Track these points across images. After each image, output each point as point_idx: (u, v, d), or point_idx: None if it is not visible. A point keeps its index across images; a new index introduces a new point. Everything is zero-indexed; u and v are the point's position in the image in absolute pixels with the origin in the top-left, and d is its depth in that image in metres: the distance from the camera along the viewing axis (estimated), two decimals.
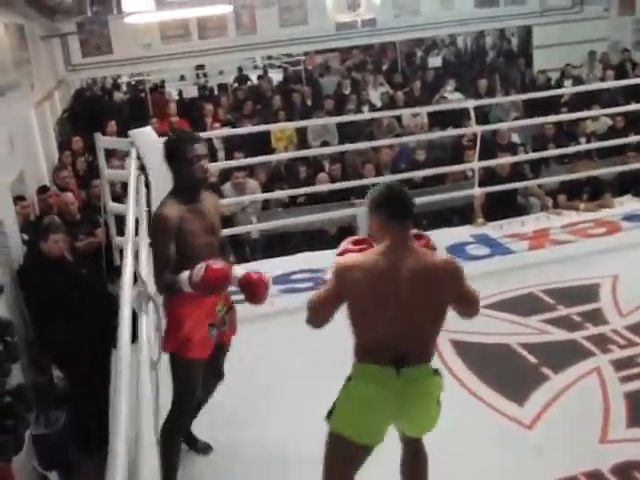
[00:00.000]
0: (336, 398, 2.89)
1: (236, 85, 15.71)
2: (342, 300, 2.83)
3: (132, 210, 4.09)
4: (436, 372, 2.92)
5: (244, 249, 7.73)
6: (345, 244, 3.07)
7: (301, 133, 10.80)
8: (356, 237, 3.16)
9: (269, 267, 6.20)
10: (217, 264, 3.26)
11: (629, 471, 3.46)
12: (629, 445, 3.65)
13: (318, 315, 2.94)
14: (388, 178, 7.45)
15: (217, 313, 3.55)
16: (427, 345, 2.89)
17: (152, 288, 3.32)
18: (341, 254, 3.01)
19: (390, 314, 2.76)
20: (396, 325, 2.76)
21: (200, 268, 3.23)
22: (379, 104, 12.22)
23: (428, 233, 6.48)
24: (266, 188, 8.34)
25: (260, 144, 9.71)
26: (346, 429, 2.82)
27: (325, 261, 6.18)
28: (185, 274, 3.27)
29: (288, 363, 4.66)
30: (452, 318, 4.88)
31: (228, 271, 3.32)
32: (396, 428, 3.01)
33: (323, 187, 7.53)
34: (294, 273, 6.05)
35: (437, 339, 2.93)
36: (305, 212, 7.21)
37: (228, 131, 9.48)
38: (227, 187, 8.07)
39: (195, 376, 3.47)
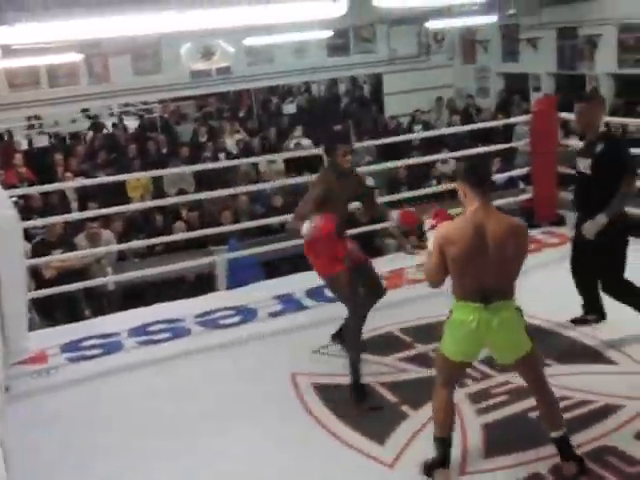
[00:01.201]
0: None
1: (91, 133, 15.35)
2: (446, 260, 3.55)
3: None
4: (517, 309, 3.61)
5: (100, 301, 7.49)
6: (430, 221, 3.86)
7: (157, 181, 10.66)
8: (433, 210, 3.99)
9: (126, 319, 6.08)
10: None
11: None
12: (487, 475, 3.75)
13: (435, 278, 3.68)
14: (246, 225, 7.47)
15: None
16: (508, 286, 3.59)
17: None
18: (432, 227, 3.79)
19: (480, 263, 3.48)
20: (485, 271, 3.49)
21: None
22: (235, 151, 12.25)
23: (287, 278, 6.58)
24: (122, 238, 8.15)
25: (115, 193, 9.51)
26: (446, 350, 3.69)
27: (183, 310, 6.13)
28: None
29: (141, 420, 4.54)
30: (316, 362, 4.99)
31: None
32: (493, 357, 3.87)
33: (180, 236, 7.43)
34: (152, 324, 5.90)
35: (513, 282, 3.59)
36: (162, 261, 7.09)
37: (81, 182, 9.21)
38: (80, 238, 7.82)
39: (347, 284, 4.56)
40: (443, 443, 3.74)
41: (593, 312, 5.27)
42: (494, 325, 3.54)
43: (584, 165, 4.94)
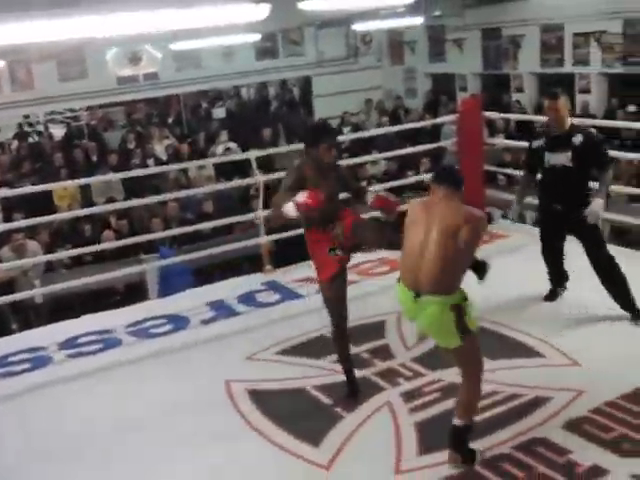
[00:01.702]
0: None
1: (16, 142, 15.00)
2: None
3: None
4: (453, 308, 3.59)
5: (28, 314, 7.32)
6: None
7: (85, 190, 10.47)
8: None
9: (55, 332, 5.95)
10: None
11: None
12: (421, 472, 3.79)
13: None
14: (176, 231, 7.39)
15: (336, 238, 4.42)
16: (437, 280, 3.59)
17: None
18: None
19: (416, 246, 3.65)
20: (422, 263, 3.61)
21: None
22: (165, 157, 12.12)
23: (219, 285, 6.52)
24: (49, 249, 7.98)
25: (41, 203, 9.29)
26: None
27: (114, 321, 6.03)
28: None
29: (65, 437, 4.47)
30: (250, 368, 4.96)
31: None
32: None
33: (109, 245, 7.31)
34: (81, 336, 5.79)
35: (452, 278, 3.62)
36: (92, 271, 6.95)
37: (4, 192, 8.95)
38: (5, 251, 7.62)
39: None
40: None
41: (561, 286, 5.62)
42: (420, 321, 3.75)
43: (560, 159, 5.17)
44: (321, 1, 7.25)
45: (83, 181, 9.51)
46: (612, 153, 5.33)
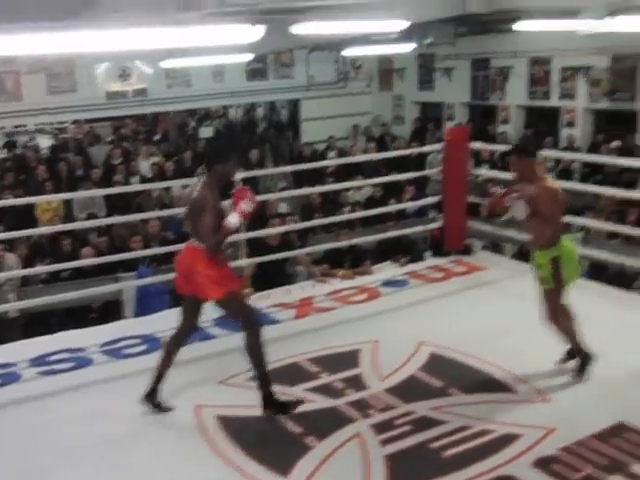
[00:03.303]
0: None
1: (5, 153, 14.88)
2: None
3: None
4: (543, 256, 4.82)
5: (1, 329, 7.22)
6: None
7: (68, 205, 10.42)
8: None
9: (27, 348, 5.88)
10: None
11: None
12: None
13: None
14: (156, 250, 7.35)
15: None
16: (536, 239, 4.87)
17: None
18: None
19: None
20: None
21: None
22: (150, 174, 12.08)
23: None
24: (27, 263, 7.91)
25: (22, 216, 9.24)
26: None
27: (88, 339, 5.97)
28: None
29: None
30: (222, 393, 4.92)
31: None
32: None
33: (88, 261, 7.25)
34: (53, 353, 5.72)
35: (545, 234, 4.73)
36: (69, 288, 6.89)
37: None
38: None
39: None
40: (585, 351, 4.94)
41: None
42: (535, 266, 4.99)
43: None
44: (313, 25, 7.26)
45: (66, 195, 9.50)
46: (594, 188, 5.36)
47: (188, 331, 4.86)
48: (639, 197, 7.56)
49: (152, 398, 4.75)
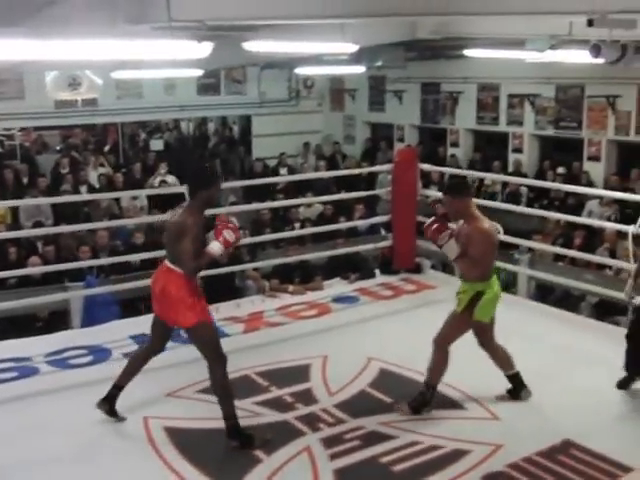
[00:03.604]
0: None
1: None
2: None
3: None
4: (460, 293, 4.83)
5: None
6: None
7: (15, 213, 10.23)
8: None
9: None
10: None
11: None
12: None
13: None
14: (105, 261, 7.27)
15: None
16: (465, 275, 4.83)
17: None
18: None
19: None
20: None
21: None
22: (98, 185, 11.93)
23: (144, 318, 6.39)
24: None
25: None
26: None
27: (33, 349, 5.85)
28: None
29: None
30: (170, 405, 4.87)
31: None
32: None
33: (35, 270, 7.13)
34: None
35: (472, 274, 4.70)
36: (14, 296, 6.75)
37: None
38: None
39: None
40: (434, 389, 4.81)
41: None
42: None
43: None
44: (265, 43, 7.32)
45: (12, 203, 9.35)
46: (540, 212, 5.46)
47: (153, 352, 4.79)
48: (584, 222, 7.75)
49: (108, 404, 4.68)
